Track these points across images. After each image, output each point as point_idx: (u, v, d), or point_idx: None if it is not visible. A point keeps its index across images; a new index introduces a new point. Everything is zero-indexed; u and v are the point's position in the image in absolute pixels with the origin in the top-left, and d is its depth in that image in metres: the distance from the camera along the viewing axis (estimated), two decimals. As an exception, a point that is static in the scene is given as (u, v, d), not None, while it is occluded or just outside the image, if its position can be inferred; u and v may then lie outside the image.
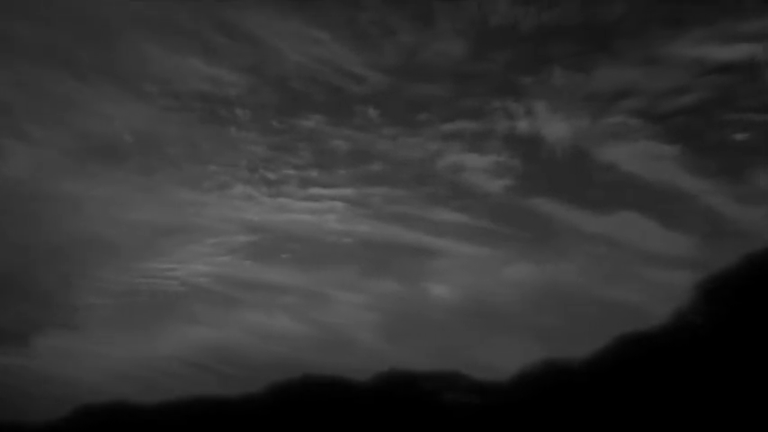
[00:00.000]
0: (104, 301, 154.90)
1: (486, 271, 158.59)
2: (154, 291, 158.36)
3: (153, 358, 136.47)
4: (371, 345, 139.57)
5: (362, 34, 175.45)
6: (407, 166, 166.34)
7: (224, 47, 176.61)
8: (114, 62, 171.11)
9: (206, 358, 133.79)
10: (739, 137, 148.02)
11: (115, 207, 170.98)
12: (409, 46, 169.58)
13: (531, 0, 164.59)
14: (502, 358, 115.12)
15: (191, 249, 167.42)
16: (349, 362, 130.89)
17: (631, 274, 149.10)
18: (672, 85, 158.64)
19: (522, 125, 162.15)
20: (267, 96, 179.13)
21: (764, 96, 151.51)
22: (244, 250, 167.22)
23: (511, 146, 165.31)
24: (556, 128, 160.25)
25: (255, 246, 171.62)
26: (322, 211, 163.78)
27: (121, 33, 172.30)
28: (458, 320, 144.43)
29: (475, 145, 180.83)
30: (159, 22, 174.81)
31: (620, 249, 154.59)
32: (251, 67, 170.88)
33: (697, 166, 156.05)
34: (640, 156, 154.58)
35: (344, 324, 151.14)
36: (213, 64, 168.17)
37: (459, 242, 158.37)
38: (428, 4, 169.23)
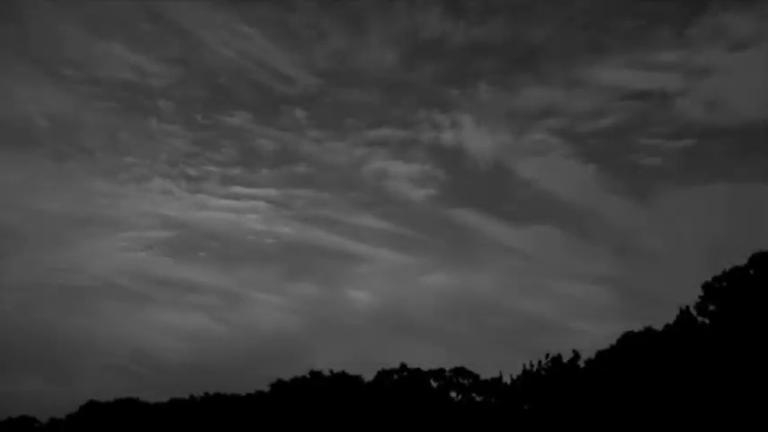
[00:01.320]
0: (10, 296, 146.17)
1: (404, 278, 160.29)
2: (63, 285, 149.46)
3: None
4: (287, 347, 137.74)
5: (294, 35, 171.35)
6: (333, 169, 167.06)
7: (150, 35, 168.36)
8: (28, 41, 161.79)
9: (117, 357, 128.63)
10: (650, 161, 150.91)
11: (24, 194, 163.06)
12: (340, 51, 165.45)
13: (462, 16, 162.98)
14: (412, 362, 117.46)
15: (103, 243, 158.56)
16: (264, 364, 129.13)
17: (544, 287, 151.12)
18: (591, 108, 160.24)
19: (448, 136, 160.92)
20: (193, 90, 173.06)
21: (674, 124, 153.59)
22: (160, 246, 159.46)
23: (435, 156, 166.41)
24: (479, 141, 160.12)
25: (172, 242, 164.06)
26: (244, 210, 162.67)
27: (33, 9, 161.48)
28: (375, 325, 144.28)
29: (400, 153, 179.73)
30: (77, 1, 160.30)
31: (534, 262, 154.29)
32: (178, 58, 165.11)
33: (610, 185, 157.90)
34: (558, 173, 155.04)
35: (261, 325, 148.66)
36: (138, 52, 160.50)
37: (380, 248, 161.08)
38: (361, 12, 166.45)
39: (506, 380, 57.68)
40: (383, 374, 67.08)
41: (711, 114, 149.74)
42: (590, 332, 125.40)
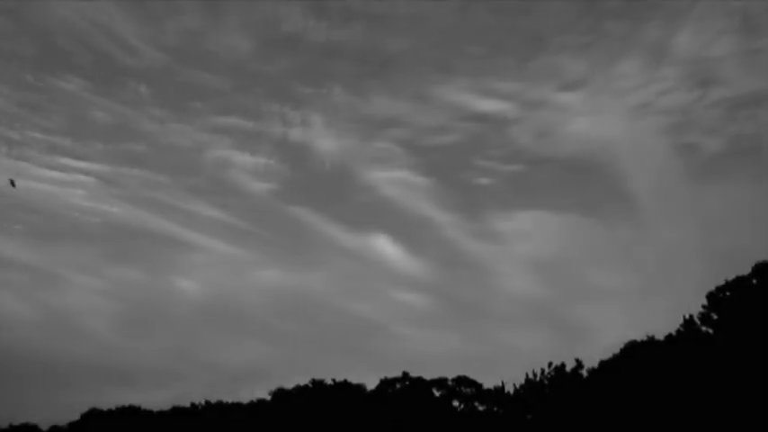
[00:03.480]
0: None
1: (237, 271, 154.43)
2: None
3: None
4: (103, 334, 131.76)
5: (145, 5, 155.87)
6: (172, 152, 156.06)
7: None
8: None
9: None
10: (483, 181, 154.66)
11: None
12: (194, 30, 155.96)
13: (324, 15, 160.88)
14: (237, 359, 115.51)
15: None
16: (74, 350, 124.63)
17: (376, 291, 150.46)
18: (435, 124, 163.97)
19: (296, 133, 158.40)
20: (24, 47, 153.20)
21: (507, 149, 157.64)
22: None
23: (281, 151, 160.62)
24: (327, 142, 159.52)
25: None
26: (69, 183, 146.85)
27: None
28: (201, 317, 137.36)
29: (245, 144, 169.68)
30: None
31: (368, 267, 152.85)
32: (8, 9, 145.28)
33: (445, 200, 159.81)
34: (398, 183, 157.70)
35: (76, 309, 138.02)
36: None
37: (214, 239, 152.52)
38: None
39: (509, 389, 57.65)
40: (385, 383, 67.07)
41: (540, 144, 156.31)
42: (413, 337, 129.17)
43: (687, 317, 44.73)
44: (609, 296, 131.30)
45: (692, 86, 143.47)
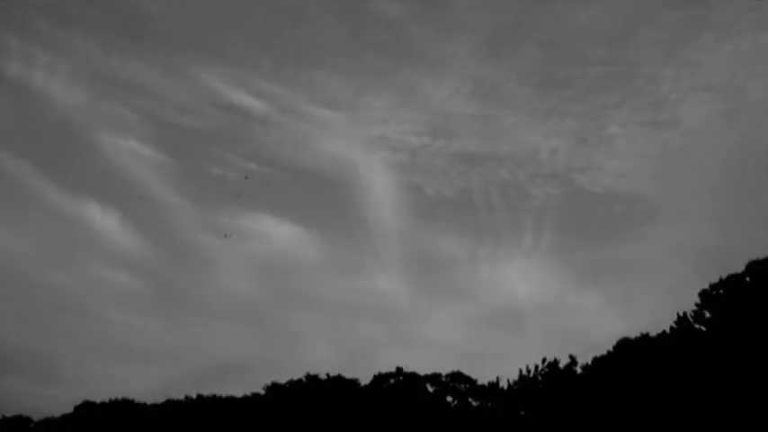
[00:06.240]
0: None
1: None
2: None
3: None
4: None
5: None
6: None
7: None
8: None
9: None
10: (224, 174, 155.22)
11: None
12: None
13: None
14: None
15: None
16: None
17: (82, 264, 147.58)
18: (186, 104, 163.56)
19: (26, 73, 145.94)
20: None
21: (256, 149, 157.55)
22: None
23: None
24: (59, 91, 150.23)
25: None
26: None
27: None
28: None
29: None
30: None
31: (78, 236, 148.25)
32: None
33: (180, 184, 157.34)
34: (132, 154, 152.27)
35: None
36: None
37: None
38: None
39: (503, 385, 57.85)
40: (379, 378, 67.20)
41: (289, 152, 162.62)
42: (114, 319, 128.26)
43: (681, 314, 44.98)
44: (316, 310, 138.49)
45: (425, 133, 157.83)
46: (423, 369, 66.11)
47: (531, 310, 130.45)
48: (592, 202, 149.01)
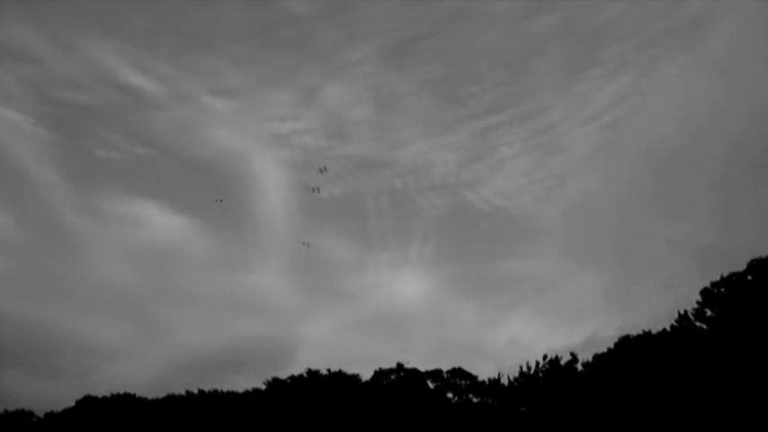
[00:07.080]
0: None
1: None
2: None
3: None
4: None
5: None
6: None
7: None
8: None
9: None
10: (108, 154, 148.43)
11: None
12: None
13: None
14: None
15: None
16: None
17: None
18: (74, 77, 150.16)
19: None
20: None
21: (144, 132, 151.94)
22: None
23: None
24: None
25: None
26: None
27: None
28: None
29: None
30: None
31: None
32: None
33: (60, 162, 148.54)
34: (8, 125, 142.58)
35: None
36: None
37: None
38: None
39: (504, 381, 57.98)
40: (380, 374, 67.31)
41: (178, 137, 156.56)
42: None
43: (682, 312, 45.08)
44: (193, 303, 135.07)
45: (322, 134, 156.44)
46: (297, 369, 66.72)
47: (411, 317, 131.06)
48: (477, 217, 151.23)
